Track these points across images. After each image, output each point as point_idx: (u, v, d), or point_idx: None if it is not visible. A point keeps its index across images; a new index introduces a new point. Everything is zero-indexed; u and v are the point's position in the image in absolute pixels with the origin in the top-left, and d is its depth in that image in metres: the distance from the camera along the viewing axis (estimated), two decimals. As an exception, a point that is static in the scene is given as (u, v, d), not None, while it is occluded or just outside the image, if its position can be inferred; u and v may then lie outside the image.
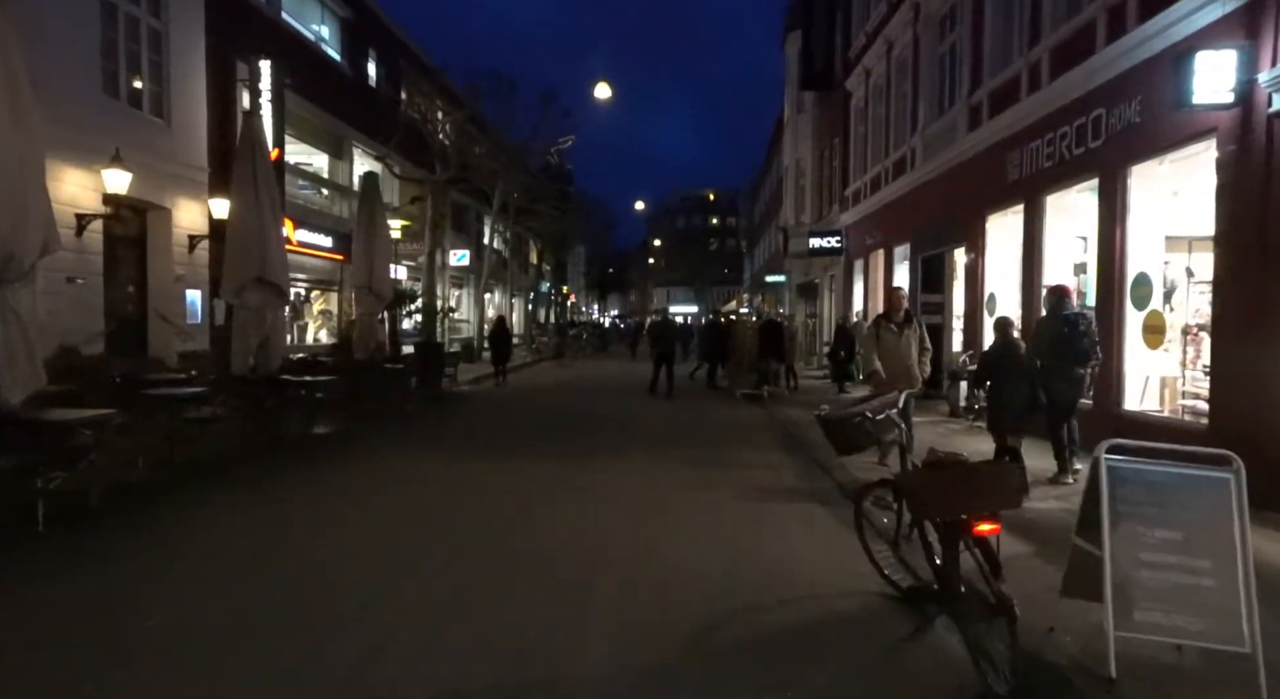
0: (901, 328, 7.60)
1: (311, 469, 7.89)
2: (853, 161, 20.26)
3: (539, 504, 6.55)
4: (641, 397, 15.82)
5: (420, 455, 8.88)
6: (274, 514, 6.19)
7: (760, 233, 47.57)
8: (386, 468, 8.14)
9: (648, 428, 11.43)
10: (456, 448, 9.41)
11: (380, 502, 6.65)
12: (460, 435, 10.56)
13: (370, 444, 9.49)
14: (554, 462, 8.44)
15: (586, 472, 7.95)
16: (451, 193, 33.20)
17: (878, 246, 17.80)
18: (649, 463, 8.48)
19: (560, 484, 7.39)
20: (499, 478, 7.63)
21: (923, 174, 14.27)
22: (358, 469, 8.01)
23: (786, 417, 12.22)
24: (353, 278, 14.19)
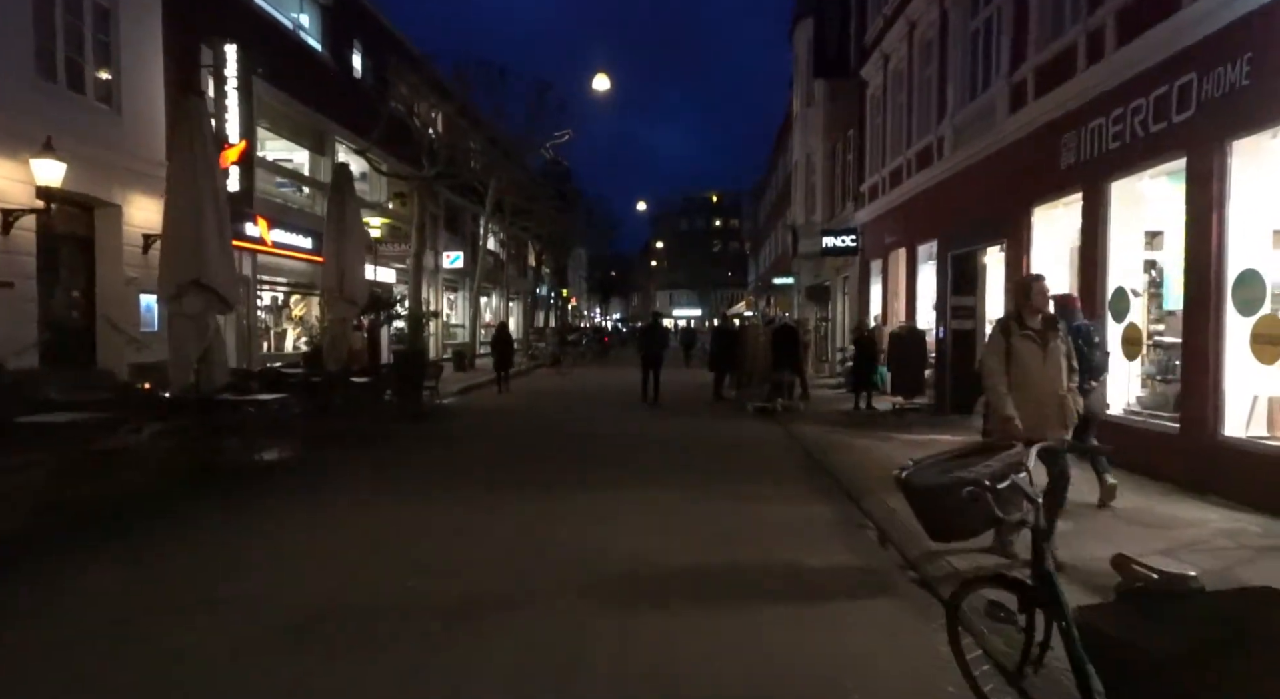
0: (1044, 337, 5.03)
1: (227, 515, 6.47)
2: (869, 155, 18.89)
3: (490, 594, 4.57)
4: (639, 410, 14.48)
5: (365, 494, 7.39)
6: (138, 587, 4.70)
7: (765, 234, 46.21)
8: (319, 512, 6.71)
9: (647, 454, 9.79)
10: (413, 485, 7.83)
11: (290, 570, 5.06)
12: (424, 467, 8.93)
13: (314, 478, 8.04)
14: (530, 505, 6.89)
15: (564, 525, 6.19)
16: (444, 193, 32.02)
17: (898, 245, 16.42)
18: (646, 511, 6.71)
19: (527, 545, 5.65)
20: (448, 540, 5.76)
21: (952, 165, 12.90)
22: (281, 515, 6.53)
23: (807, 436, 10.83)
24: (322, 280, 12.86)
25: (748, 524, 6.28)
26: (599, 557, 5.34)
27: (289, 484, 7.71)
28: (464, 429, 12.03)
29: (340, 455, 9.32)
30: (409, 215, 19.95)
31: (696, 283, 77.19)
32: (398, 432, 11.22)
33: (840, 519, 6.49)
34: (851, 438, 10.60)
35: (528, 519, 6.39)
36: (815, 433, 11.18)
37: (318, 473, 8.26)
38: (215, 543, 5.73)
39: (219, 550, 5.53)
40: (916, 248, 15.32)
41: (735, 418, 13.50)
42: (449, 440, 10.82)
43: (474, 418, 13.45)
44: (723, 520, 6.38)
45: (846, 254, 19.81)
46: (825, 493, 7.48)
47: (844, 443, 10.20)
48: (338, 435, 10.22)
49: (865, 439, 10.48)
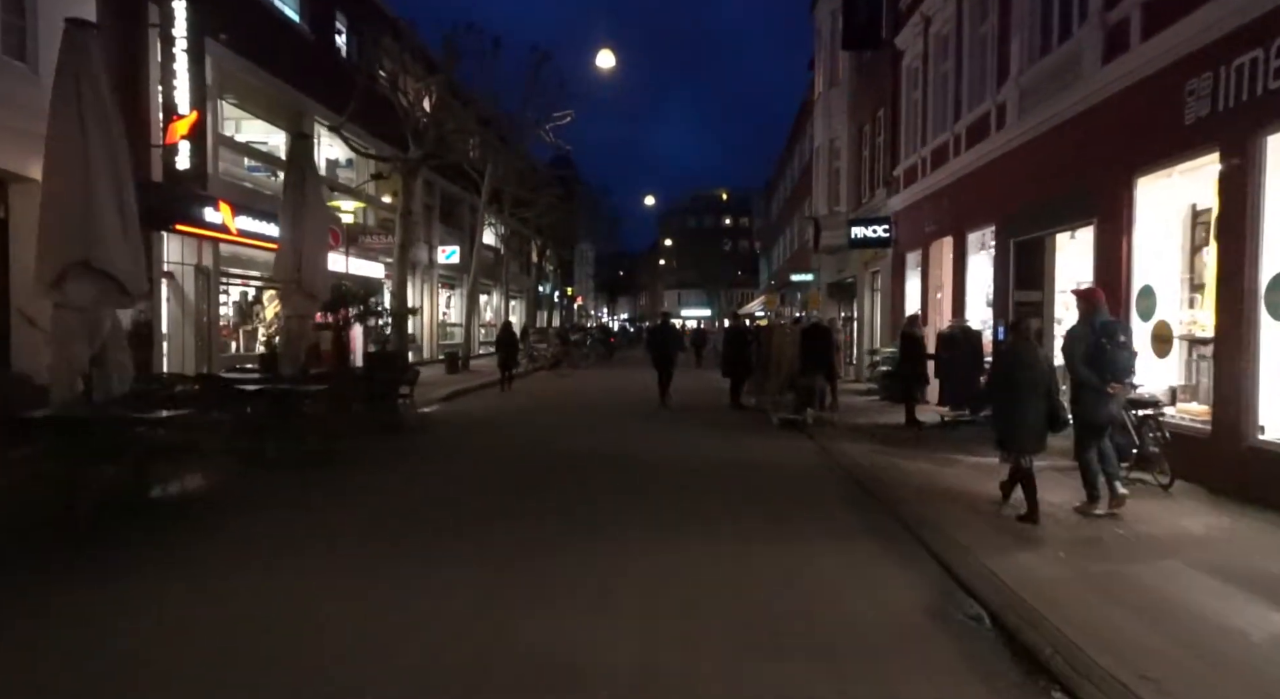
0: None
1: (53, 586, 4.58)
2: (904, 135, 16.89)
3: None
4: (648, 421, 12.55)
5: (263, 550, 5.35)
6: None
7: (779, 231, 44.20)
8: (189, 578, 4.75)
9: (657, 485, 7.62)
10: (338, 537, 5.66)
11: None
12: (368, 505, 6.73)
13: (215, 521, 6.08)
14: (493, 575, 4.83)
15: (534, 617, 4.13)
16: (440, 182, 30.14)
17: (942, 233, 14.42)
18: (657, 584, 4.66)
19: (468, 660, 3.60)
20: (355, 647, 3.72)
21: (1017, 135, 10.91)
22: (124, 584, 4.59)
23: (849, 458, 8.86)
24: (276, 270, 11.00)
25: (802, 610, 4.32)
26: (582, 688, 3.39)
27: (174, 533, 5.76)
28: (438, 447, 10.09)
29: (269, 487, 7.39)
30: (398, 203, 18.02)
31: (706, 282, 75.05)
32: (357, 450, 9.29)
33: (934, 599, 4.51)
34: (904, 461, 8.63)
35: (484, 602, 4.40)
36: (858, 453, 9.22)
37: (223, 512, 6.34)
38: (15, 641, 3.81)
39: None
40: (966, 235, 13.32)
41: (758, 432, 11.52)
42: (415, 464, 8.81)
43: (455, 431, 11.51)
44: (766, 602, 4.41)
45: (878, 246, 17.81)
46: (896, 547, 5.51)
47: (897, 468, 8.23)
48: (282, 456, 8.32)
49: (921, 462, 8.52)
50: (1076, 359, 6.08)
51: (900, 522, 6.14)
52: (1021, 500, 6.01)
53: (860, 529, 6.08)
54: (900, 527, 6.03)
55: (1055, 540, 5.46)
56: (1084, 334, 6.11)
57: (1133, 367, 6.21)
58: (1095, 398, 6.01)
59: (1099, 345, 5.92)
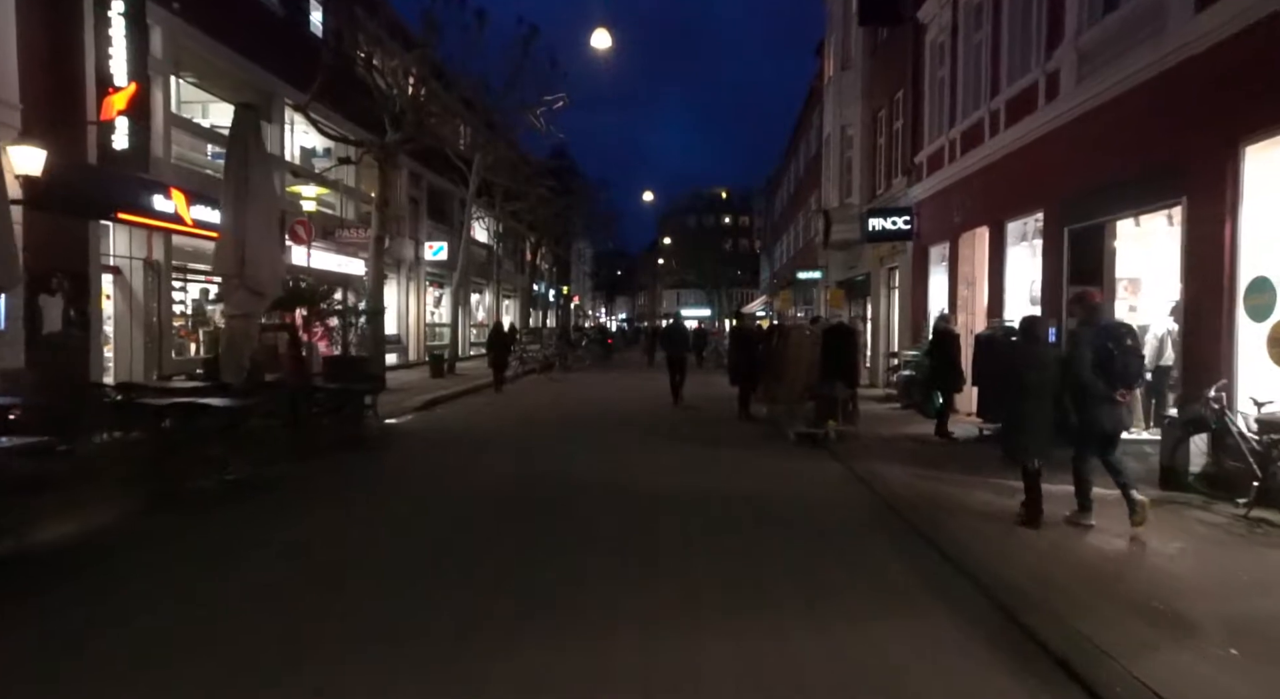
0: None
1: None
2: (928, 117, 15.40)
3: None
4: (647, 437, 11.05)
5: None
6: None
7: (782, 228, 42.74)
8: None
9: (651, 534, 5.81)
10: (204, 643, 3.81)
11: None
12: (250, 578, 4.78)
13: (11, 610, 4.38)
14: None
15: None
16: (428, 175, 28.61)
17: (975, 224, 12.93)
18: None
19: None
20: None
21: (1075, 105, 9.42)
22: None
23: (888, 487, 7.34)
24: (215, 263, 9.51)
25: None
26: None
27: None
28: (394, 474, 8.41)
29: (147, 538, 5.77)
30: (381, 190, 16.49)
31: (706, 282, 73.50)
32: (293, 478, 7.76)
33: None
34: (958, 490, 7.13)
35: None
36: (897, 481, 7.72)
37: (48, 584, 4.78)
38: None
39: None
40: (1004, 225, 11.83)
41: (774, 450, 9.99)
42: (352, 503, 6.96)
43: (421, 451, 9.91)
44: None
45: (897, 239, 16.33)
46: (1002, 649, 3.95)
47: (951, 500, 6.74)
48: (195, 488, 6.81)
49: (981, 492, 7.02)
50: (1082, 365, 5.69)
51: (989, 596, 4.59)
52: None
53: (931, 601, 4.54)
54: (992, 605, 4.46)
55: (1213, 625, 3.95)
56: (1088, 338, 5.75)
57: (1140, 371, 5.95)
58: (1103, 406, 5.66)
59: (1105, 350, 5.60)
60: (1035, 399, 5.79)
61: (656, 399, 16.28)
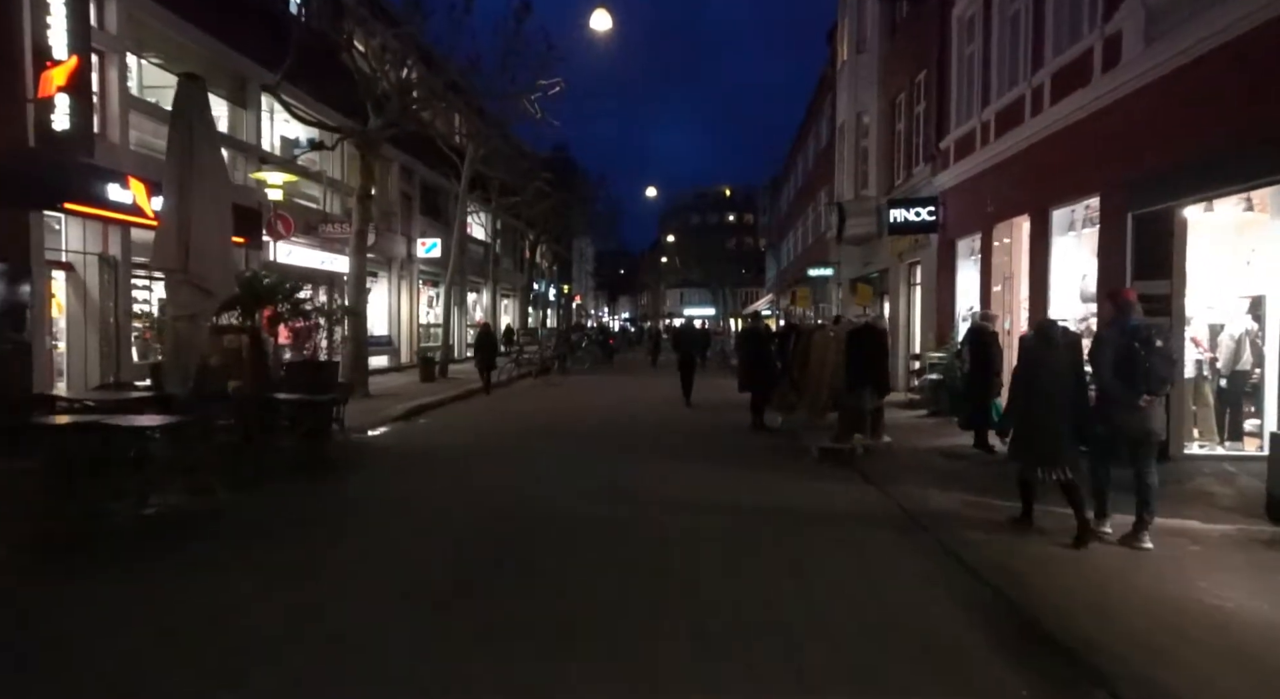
0: None
1: None
2: (955, 99, 14.15)
3: None
4: (651, 454, 9.81)
5: None
6: None
7: (789, 225, 41.47)
8: None
9: (643, 604, 4.44)
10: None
11: None
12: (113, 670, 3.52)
13: None
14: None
15: None
16: (420, 169, 27.36)
17: (1011, 212, 11.69)
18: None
19: None
20: None
21: (1145, 71, 8.18)
22: None
23: (943, 524, 6.11)
24: (155, 256, 8.31)
25: None
26: None
27: None
28: (353, 503, 7.01)
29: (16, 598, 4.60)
30: (362, 181, 15.27)
31: (709, 281, 72.21)
32: (227, 511, 6.53)
33: None
34: (1041, 522, 5.91)
35: None
36: (947, 509, 6.51)
37: None
38: None
39: None
40: (1048, 213, 10.58)
41: (796, 471, 8.72)
42: (292, 545, 5.70)
43: (391, 471, 8.55)
44: None
45: (921, 232, 15.08)
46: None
47: (1034, 554, 5.51)
48: (103, 523, 5.60)
49: (1055, 527, 5.79)
50: (1104, 368, 5.52)
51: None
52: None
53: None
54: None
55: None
56: (1115, 340, 5.56)
57: (1170, 375, 5.62)
58: (1129, 414, 5.44)
59: (1131, 351, 5.41)
60: (1051, 404, 5.55)
61: (661, 406, 15.06)
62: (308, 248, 19.36)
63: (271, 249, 17.58)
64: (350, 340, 15.21)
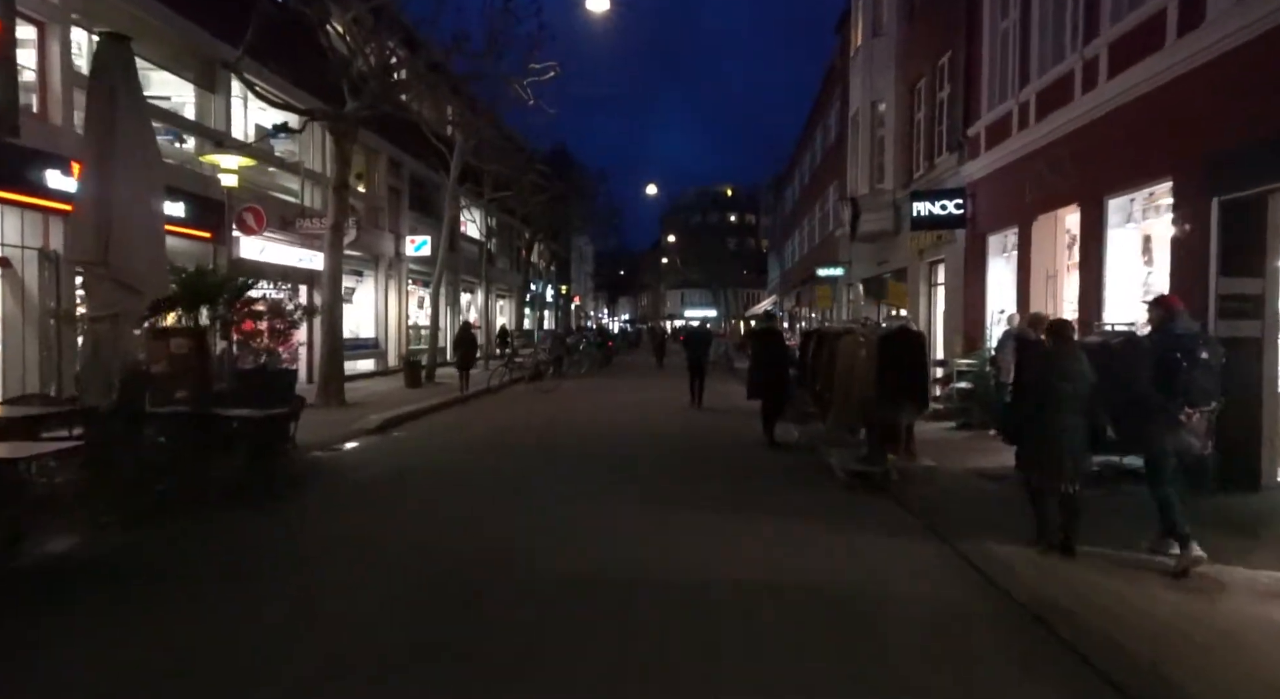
0: None
1: None
2: (986, 81, 12.91)
3: None
4: (649, 480, 8.53)
5: None
6: None
7: (793, 224, 40.24)
8: None
9: None
10: None
11: None
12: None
13: None
14: None
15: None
16: (409, 162, 26.09)
17: (1057, 203, 10.44)
18: None
19: None
20: None
21: (1233, 30, 6.93)
22: None
23: (1044, 599, 4.82)
24: (69, 247, 7.09)
25: None
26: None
27: None
28: (259, 556, 5.37)
29: None
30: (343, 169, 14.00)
31: (711, 282, 70.93)
32: (120, 556, 5.26)
33: None
34: (1184, 598, 4.59)
35: None
36: (1068, 583, 5.23)
37: None
38: None
39: None
40: (1104, 202, 9.32)
41: (823, 502, 7.40)
42: (179, 601, 4.49)
43: (345, 501, 7.19)
44: None
45: (946, 226, 13.83)
46: None
47: (1216, 652, 4.23)
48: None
49: (1233, 600, 4.50)
50: (1140, 376, 5.32)
51: None
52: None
53: None
54: None
55: None
56: (1152, 347, 5.42)
57: (1215, 389, 5.32)
58: (1161, 425, 5.15)
59: (1172, 362, 5.12)
60: (1067, 412, 5.23)
61: (663, 416, 13.79)
62: (285, 244, 18.10)
63: (241, 245, 16.34)
64: (325, 344, 13.97)
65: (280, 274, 17.60)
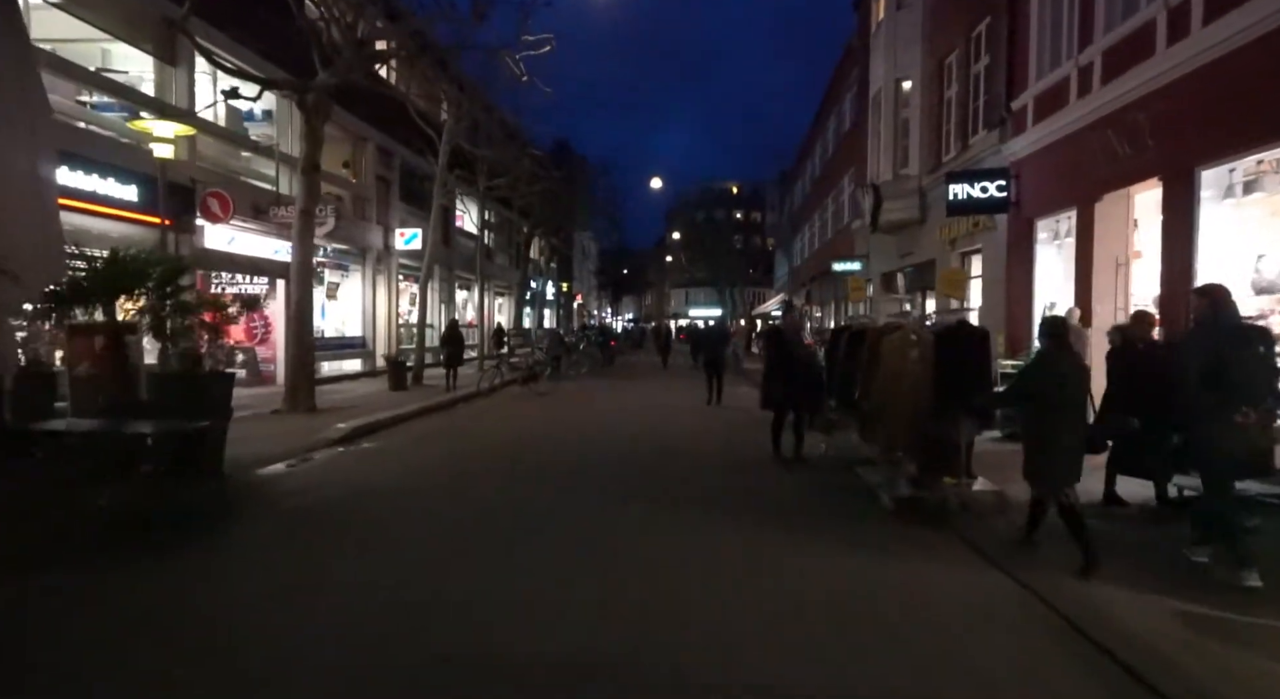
0: None
1: None
2: (1035, 45, 11.43)
3: None
4: (652, 508, 7.05)
5: None
6: None
7: (803, 219, 38.73)
8: None
9: None
10: None
11: None
12: None
13: None
14: None
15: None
16: (401, 151, 24.65)
17: (1132, 178, 8.96)
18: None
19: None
20: None
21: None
22: None
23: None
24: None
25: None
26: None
27: None
28: (114, 628, 4.12)
29: None
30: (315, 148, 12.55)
31: (716, 280, 69.37)
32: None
33: None
34: None
35: None
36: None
37: None
38: None
39: None
40: (1195, 174, 7.84)
41: (866, 533, 5.99)
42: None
43: (252, 545, 5.60)
44: None
45: (987, 210, 12.34)
46: None
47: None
48: None
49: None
50: (1188, 374, 4.81)
51: None
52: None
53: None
54: None
55: None
56: (1207, 341, 4.80)
57: (1276, 388, 4.76)
58: (1216, 428, 4.63)
59: (1225, 358, 4.59)
60: (1068, 417, 4.99)
61: (672, 425, 12.33)
62: (258, 234, 16.70)
63: (206, 233, 14.95)
64: (292, 342, 12.55)
65: (252, 266, 16.20)
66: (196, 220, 14.38)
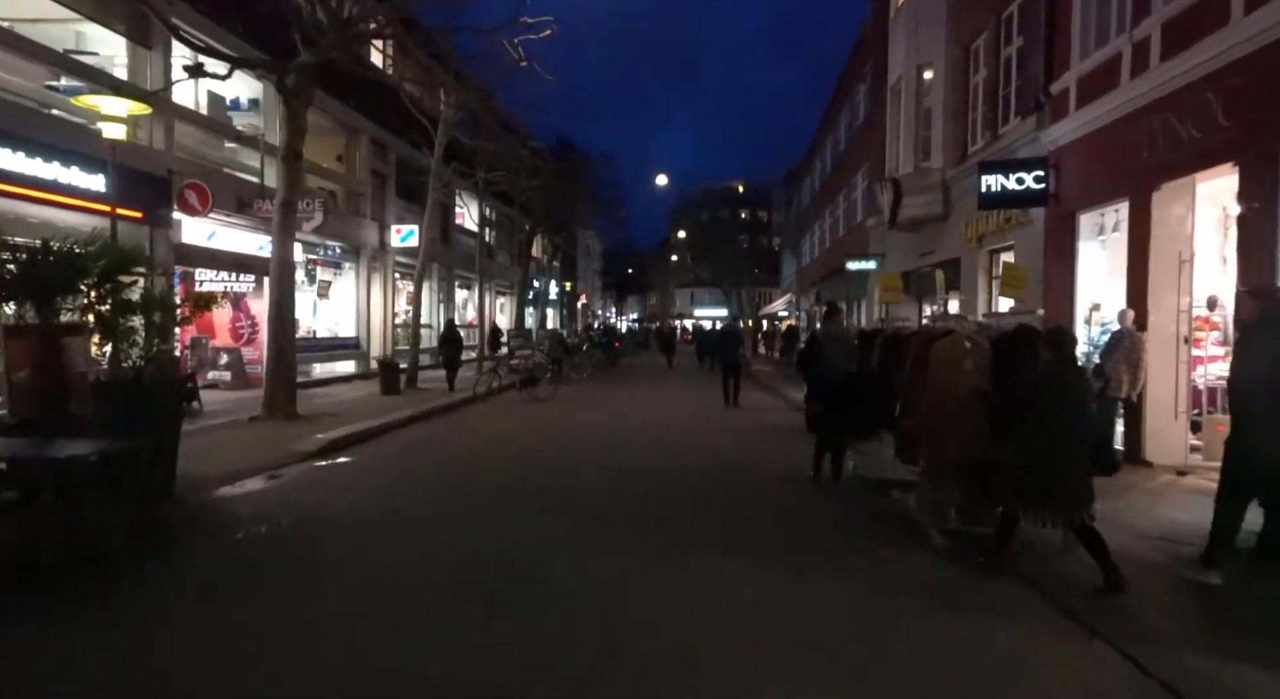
0: None
1: None
2: (1079, 21, 10.46)
3: None
4: (660, 540, 6.08)
5: None
6: None
7: (812, 217, 37.73)
8: None
9: None
10: None
11: None
12: None
13: None
14: None
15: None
16: (396, 145, 23.73)
17: (1198, 164, 7.98)
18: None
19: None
20: None
21: None
22: None
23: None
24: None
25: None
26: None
27: None
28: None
29: None
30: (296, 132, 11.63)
31: (721, 280, 68.32)
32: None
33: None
34: None
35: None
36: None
37: None
38: None
39: None
40: (1278, 158, 6.88)
41: (905, 574, 5.09)
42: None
43: (184, 591, 4.61)
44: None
45: (1024, 204, 11.37)
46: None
47: None
48: None
49: None
50: (1246, 381, 4.63)
51: None
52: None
53: None
54: None
55: None
56: (1262, 342, 4.58)
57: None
58: (1264, 436, 4.44)
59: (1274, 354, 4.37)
60: (1074, 433, 4.73)
61: (683, 435, 11.39)
62: (242, 229, 15.84)
63: (184, 228, 14.07)
64: (271, 344, 11.64)
65: (235, 263, 15.31)
66: (173, 214, 13.51)
